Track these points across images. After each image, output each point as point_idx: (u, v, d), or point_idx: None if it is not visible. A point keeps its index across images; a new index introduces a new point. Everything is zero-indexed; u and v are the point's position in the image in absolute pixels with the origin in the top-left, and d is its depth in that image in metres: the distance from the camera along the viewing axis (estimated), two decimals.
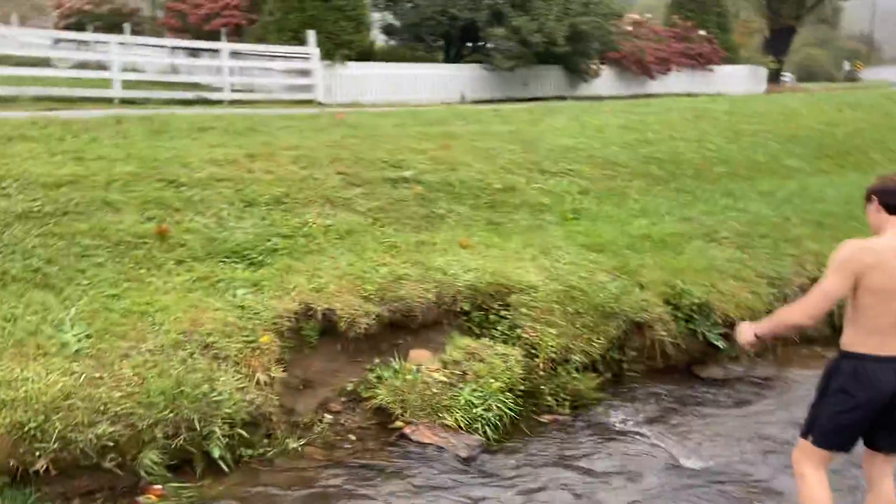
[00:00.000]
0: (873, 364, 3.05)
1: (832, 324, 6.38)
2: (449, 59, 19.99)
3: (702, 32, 24.30)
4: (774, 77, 29.81)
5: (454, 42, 20.33)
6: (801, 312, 3.20)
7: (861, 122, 14.20)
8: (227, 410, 4.12)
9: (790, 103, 16.14)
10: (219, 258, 5.49)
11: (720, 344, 5.88)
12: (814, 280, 6.63)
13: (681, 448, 4.66)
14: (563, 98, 19.33)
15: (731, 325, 5.96)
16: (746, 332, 3.41)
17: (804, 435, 3.28)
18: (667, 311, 5.81)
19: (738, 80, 25.77)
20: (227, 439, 4.12)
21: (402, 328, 5.23)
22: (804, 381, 5.71)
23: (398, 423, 4.64)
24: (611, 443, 4.74)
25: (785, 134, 12.25)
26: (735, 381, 5.80)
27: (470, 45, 21.01)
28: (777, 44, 31.67)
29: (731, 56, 25.81)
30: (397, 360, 5.05)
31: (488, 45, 19.00)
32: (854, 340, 3.11)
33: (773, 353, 6.25)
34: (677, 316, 5.82)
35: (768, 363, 6.13)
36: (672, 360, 5.79)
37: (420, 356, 5.09)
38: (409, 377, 4.82)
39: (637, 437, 4.83)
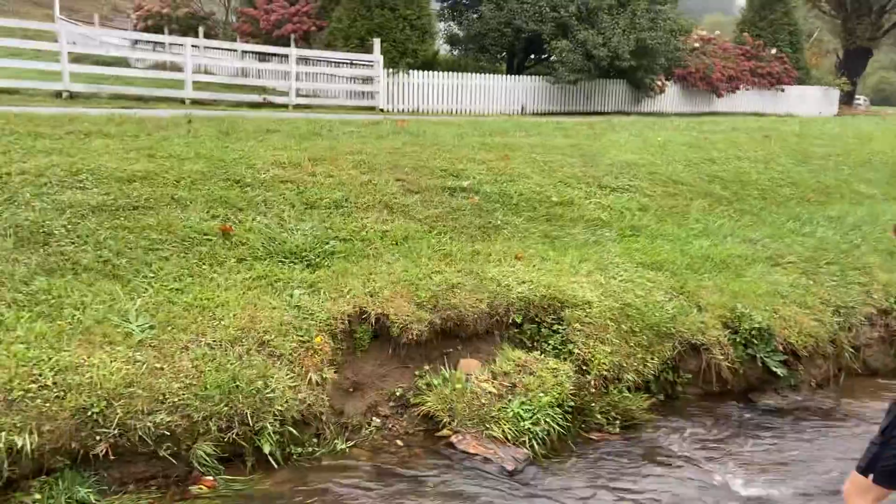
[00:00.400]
0: None
1: None
2: (512, 71, 19.98)
3: (773, 51, 23.74)
4: (847, 99, 28.89)
5: (517, 54, 20.33)
6: None
7: None
8: (279, 408, 4.21)
9: (863, 127, 15.61)
10: (278, 258, 5.61)
11: (780, 371, 5.72)
12: (883, 311, 6.48)
13: (732, 475, 4.54)
14: (626, 113, 19.14)
15: (793, 352, 5.82)
16: None
17: (863, 471, 3.15)
18: (725, 334, 5.68)
19: (810, 101, 25.08)
20: (277, 436, 4.21)
21: (453, 336, 5.25)
22: (865, 413, 5.51)
23: (445, 432, 4.65)
24: (660, 465, 4.64)
25: (857, 158, 11.85)
26: (794, 411, 5.62)
27: (533, 57, 20.98)
28: (851, 65, 30.68)
29: (802, 76, 25.11)
30: (447, 368, 5.07)
31: (552, 58, 18.93)
32: None
33: (836, 382, 6.05)
34: (736, 340, 5.69)
35: (829, 393, 5.93)
36: (728, 385, 5.66)
37: (470, 365, 5.10)
38: (458, 386, 4.83)
39: (687, 461, 4.72)
